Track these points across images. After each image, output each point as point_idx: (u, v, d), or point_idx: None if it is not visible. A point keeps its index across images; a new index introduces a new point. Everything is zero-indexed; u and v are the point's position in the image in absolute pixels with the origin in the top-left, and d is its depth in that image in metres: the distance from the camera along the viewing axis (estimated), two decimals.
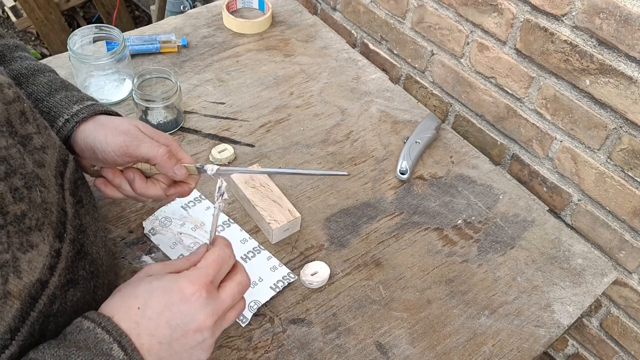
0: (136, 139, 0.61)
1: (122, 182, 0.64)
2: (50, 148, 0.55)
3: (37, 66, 0.68)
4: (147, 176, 0.65)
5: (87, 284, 0.56)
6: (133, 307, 0.50)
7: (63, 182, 0.56)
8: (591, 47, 0.83)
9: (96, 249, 0.60)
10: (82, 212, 0.59)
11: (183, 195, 0.67)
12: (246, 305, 0.57)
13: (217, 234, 0.58)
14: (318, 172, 0.68)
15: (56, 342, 0.48)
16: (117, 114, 0.67)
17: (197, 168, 0.65)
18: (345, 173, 0.67)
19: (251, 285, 0.77)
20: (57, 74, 0.70)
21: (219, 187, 0.59)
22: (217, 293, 0.52)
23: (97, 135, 0.61)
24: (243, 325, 0.74)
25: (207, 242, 0.57)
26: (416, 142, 0.98)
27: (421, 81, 1.16)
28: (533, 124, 0.97)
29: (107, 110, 0.66)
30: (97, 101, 0.66)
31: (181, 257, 0.79)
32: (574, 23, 0.83)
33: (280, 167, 0.94)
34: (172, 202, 0.85)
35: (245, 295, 0.74)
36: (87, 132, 0.62)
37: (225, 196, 0.60)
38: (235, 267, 0.56)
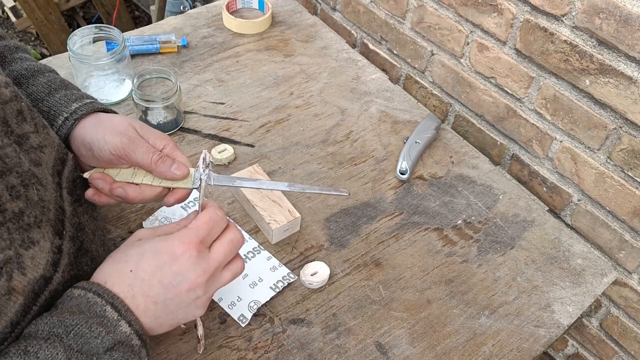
0: (133, 143, 0.60)
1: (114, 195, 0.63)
2: (48, 147, 0.55)
3: (37, 67, 0.68)
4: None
5: None
6: (125, 271, 0.51)
7: (61, 181, 0.56)
8: (591, 47, 0.83)
9: (95, 247, 0.60)
10: (80, 210, 0.59)
11: (182, 199, 0.65)
12: (244, 266, 0.57)
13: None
14: (317, 191, 0.69)
15: (48, 312, 0.49)
16: (115, 113, 0.67)
17: (195, 170, 0.64)
18: (346, 193, 0.68)
19: (251, 286, 0.77)
20: (57, 74, 0.70)
21: (203, 158, 0.61)
22: (208, 252, 0.53)
23: (95, 132, 0.61)
24: (243, 325, 0.74)
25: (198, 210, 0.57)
26: (416, 142, 0.98)
27: (421, 81, 1.16)
28: (533, 124, 0.97)
29: (106, 109, 0.66)
30: (96, 99, 0.67)
31: None
32: (573, 23, 0.83)
33: (279, 182, 0.94)
34: None
35: (244, 296, 0.75)
36: (85, 129, 0.62)
37: (210, 167, 0.61)
38: (227, 227, 0.56)
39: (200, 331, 0.58)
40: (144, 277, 0.50)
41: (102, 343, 0.47)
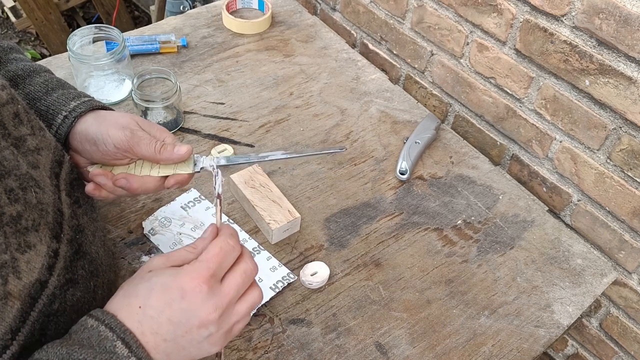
0: (136, 137, 0.61)
1: (115, 189, 0.63)
2: (44, 149, 0.55)
3: (33, 67, 0.68)
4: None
5: (87, 284, 0.57)
6: (134, 306, 0.49)
7: (58, 183, 0.56)
8: (591, 48, 0.83)
9: (95, 249, 0.60)
10: (79, 212, 0.59)
11: (182, 183, 0.65)
12: (262, 295, 0.54)
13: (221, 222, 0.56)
14: (315, 152, 0.68)
15: (60, 341, 0.48)
16: (113, 110, 0.67)
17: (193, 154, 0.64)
18: (343, 149, 0.66)
19: None
20: (53, 74, 0.70)
21: (215, 176, 0.60)
22: (220, 286, 0.50)
23: (99, 127, 0.61)
24: None
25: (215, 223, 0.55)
26: (416, 143, 0.98)
27: (421, 81, 1.16)
28: (533, 124, 0.97)
29: (104, 106, 0.66)
30: (93, 98, 0.66)
31: None
32: (573, 23, 0.83)
33: (276, 152, 0.94)
34: (171, 202, 0.85)
35: None
36: (88, 124, 0.62)
37: (222, 178, 0.60)
38: (240, 255, 0.53)
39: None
40: (153, 315, 0.49)
41: None
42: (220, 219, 0.56)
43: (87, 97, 0.66)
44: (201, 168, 0.63)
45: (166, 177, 0.64)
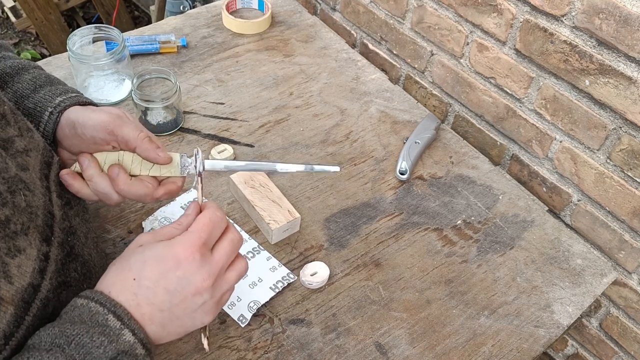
0: (120, 119, 0.59)
1: (94, 175, 0.59)
2: (33, 150, 0.54)
3: (22, 64, 0.67)
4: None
5: (80, 286, 0.56)
6: (128, 279, 0.50)
7: (49, 185, 0.55)
8: (591, 48, 0.83)
9: (87, 251, 0.59)
10: (70, 214, 0.58)
11: (172, 193, 0.63)
12: (247, 265, 0.56)
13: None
14: (309, 167, 0.66)
15: (52, 323, 0.48)
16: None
17: (180, 156, 0.62)
18: (337, 169, 0.65)
19: (250, 286, 0.77)
20: (42, 70, 0.69)
21: (196, 155, 0.60)
22: (211, 254, 0.52)
23: (81, 112, 0.60)
24: (243, 325, 0.74)
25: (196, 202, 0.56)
26: (416, 143, 0.98)
27: (421, 81, 1.16)
28: (533, 124, 0.97)
29: (92, 102, 0.65)
30: (81, 94, 0.65)
31: None
32: (573, 23, 0.83)
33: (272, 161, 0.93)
34: (171, 202, 0.85)
35: (244, 296, 0.75)
36: (70, 112, 0.61)
37: (203, 157, 0.60)
38: (227, 227, 0.55)
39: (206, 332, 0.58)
40: (149, 285, 0.49)
41: (104, 353, 0.46)
42: (202, 196, 0.57)
43: (74, 92, 0.65)
44: (187, 172, 0.62)
45: (154, 187, 0.62)
